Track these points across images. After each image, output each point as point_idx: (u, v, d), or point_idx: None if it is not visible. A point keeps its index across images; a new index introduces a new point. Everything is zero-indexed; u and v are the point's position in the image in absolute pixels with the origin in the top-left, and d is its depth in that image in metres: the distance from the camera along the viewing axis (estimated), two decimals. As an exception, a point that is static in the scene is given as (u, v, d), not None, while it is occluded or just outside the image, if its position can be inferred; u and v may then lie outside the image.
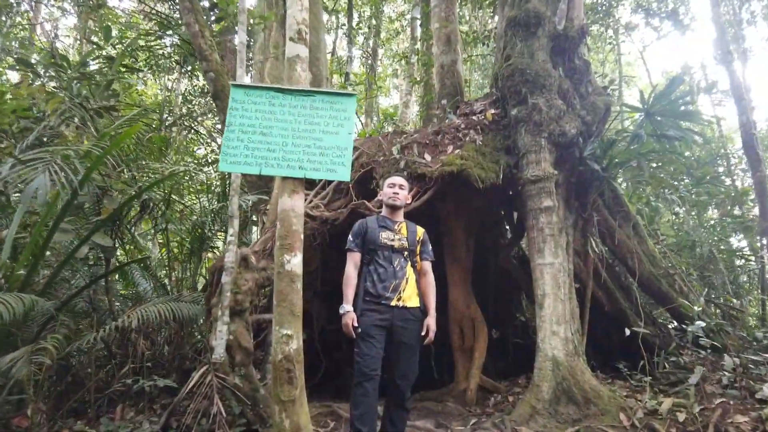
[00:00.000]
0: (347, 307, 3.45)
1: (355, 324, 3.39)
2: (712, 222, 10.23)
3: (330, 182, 5.29)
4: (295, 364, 2.81)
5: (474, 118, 5.06)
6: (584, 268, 5.38)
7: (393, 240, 3.62)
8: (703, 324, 4.58)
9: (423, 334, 3.54)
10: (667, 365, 4.99)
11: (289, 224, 3.04)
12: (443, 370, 6.27)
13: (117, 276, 6.32)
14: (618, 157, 4.93)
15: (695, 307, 4.81)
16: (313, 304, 6.42)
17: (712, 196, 10.34)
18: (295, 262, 2.99)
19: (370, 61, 12.76)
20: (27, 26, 12.17)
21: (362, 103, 17.56)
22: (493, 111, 5.05)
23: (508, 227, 6.61)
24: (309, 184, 5.79)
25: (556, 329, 4.41)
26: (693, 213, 10.02)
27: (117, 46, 7.95)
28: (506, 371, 6.44)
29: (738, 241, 10.40)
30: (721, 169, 11.84)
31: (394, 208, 3.72)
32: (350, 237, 3.70)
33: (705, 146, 10.95)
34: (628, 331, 4.71)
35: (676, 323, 6.28)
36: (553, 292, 4.50)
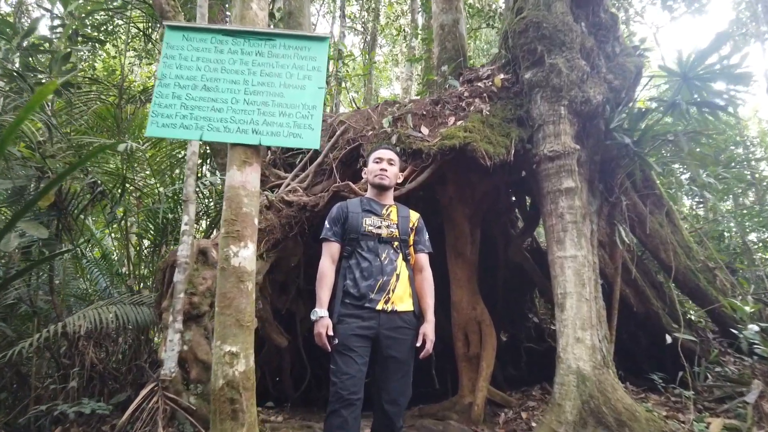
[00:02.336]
0: (321, 311, 2.79)
1: (330, 333, 2.73)
2: (744, 210, 9.52)
3: (311, 163, 4.60)
4: (241, 392, 2.13)
5: (480, 84, 4.35)
6: (610, 262, 4.68)
7: (380, 227, 2.94)
8: (757, 327, 3.88)
9: (418, 345, 2.86)
10: (709, 376, 4.30)
11: (237, 205, 2.35)
12: (446, 380, 5.61)
13: (76, 274, 5.69)
14: (652, 130, 4.21)
15: (746, 308, 4.09)
16: (296, 304, 5.77)
17: (738, 181, 9.65)
18: (244, 255, 2.30)
19: (369, 40, 11.98)
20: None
21: (361, 94, 16.82)
22: (502, 76, 4.33)
23: (519, 215, 5.89)
24: (289, 166, 5.12)
25: (581, 335, 3.71)
26: (710, 202, 9.31)
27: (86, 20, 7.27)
28: (518, 380, 5.77)
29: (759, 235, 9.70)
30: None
31: (381, 188, 3.05)
32: (326, 223, 3.03)
33: (722, 132, 10.19)
34: (669, 338, 4.01)
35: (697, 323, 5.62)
36: (576, 290, 3.80)
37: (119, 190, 4.58)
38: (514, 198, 5.41)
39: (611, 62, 4.27)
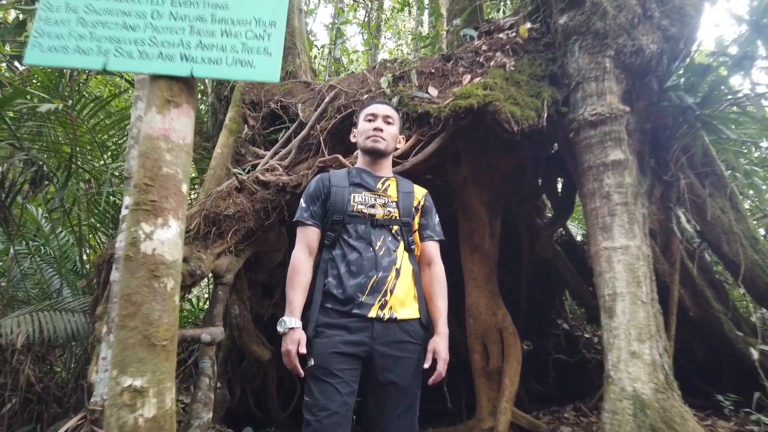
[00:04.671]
0: (290, 321, 2.08)
1: (303, 351, 2.00)
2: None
3: (295, 135, 3.86)
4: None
5: (501, 36, 3.59)
6: (662, 256, 3.90)
7: (373, 206, 2.23)
8: None
9: (426, 366, 2.13)
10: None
11: (155, 164, 1.60)
12: (459, 397, 4.85)
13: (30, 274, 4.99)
14: (719, 90, 3.44)
15: None
16: (282, 309, 5.04)
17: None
18: (163, 237, 1.56)
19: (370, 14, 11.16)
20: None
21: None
22: (529, 25, 3.57)
23: (548, 201, 5.11)
24: (271, 143, 4.39)
25: (637, 349, 2.94)
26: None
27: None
28: (544, 398, 5.00)
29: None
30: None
31: (375, 155, 2.33)
32: (302, 202, 2.32)
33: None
34: (755, 353, 3.23)
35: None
36: (629, 290, 3.03)
37: (65, 172, 3.85)
38: (540, 180, 4.63)
39: (665, 5, 3.49)
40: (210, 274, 3.50)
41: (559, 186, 4.65)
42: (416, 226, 2.34)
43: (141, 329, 1.45)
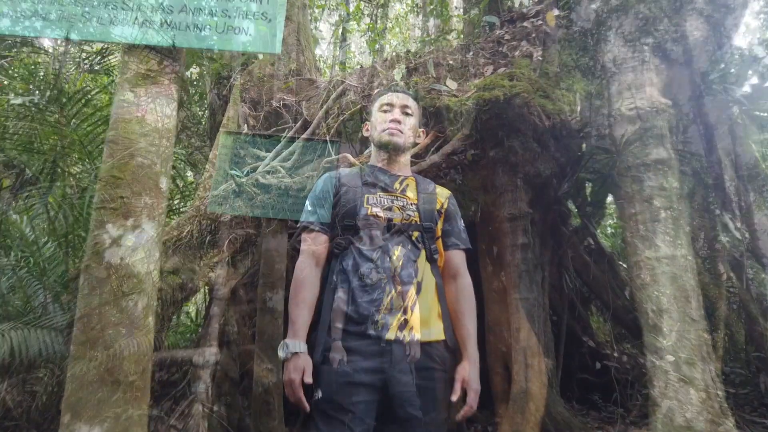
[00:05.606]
0: (294, 344, 1.76)
1: (309, 380, 1.69)
2: None
3: (298, 134, 3.57)
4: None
5: (526, 24, 3.31)
6: (703, 268, 3.56)
7: (390, 208, 1.93)
8: None
9: (454, 398, 1.81)
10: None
11: (125, 152, 1.31)
12: (477, 424, 4.50)
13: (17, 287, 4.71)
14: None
15: None
16: (284, 326, 4.74)
17: None
18: (134, 242, 1.26)
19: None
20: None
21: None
22: (556, 12, 3.29)
23: (574, 206, 4.77)
24: (271, 144, 4.11)
25: (688, 373, 2.62)
26: None
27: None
28: (567, 423, 4.63)
29: None
30: None
31: (392, 150, 2.02)
32: (307, 204, 2.01)
33: None
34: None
35: None
36: (677, 306, 2.72)
37: (48, 176, 3.57)
38: (567, 184, 4.29)
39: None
40: (204, 288, 3.22)
41: (587, 189, 4.33)
42: (439, 233, 2.04)
43: (102, 361, 1.15)
